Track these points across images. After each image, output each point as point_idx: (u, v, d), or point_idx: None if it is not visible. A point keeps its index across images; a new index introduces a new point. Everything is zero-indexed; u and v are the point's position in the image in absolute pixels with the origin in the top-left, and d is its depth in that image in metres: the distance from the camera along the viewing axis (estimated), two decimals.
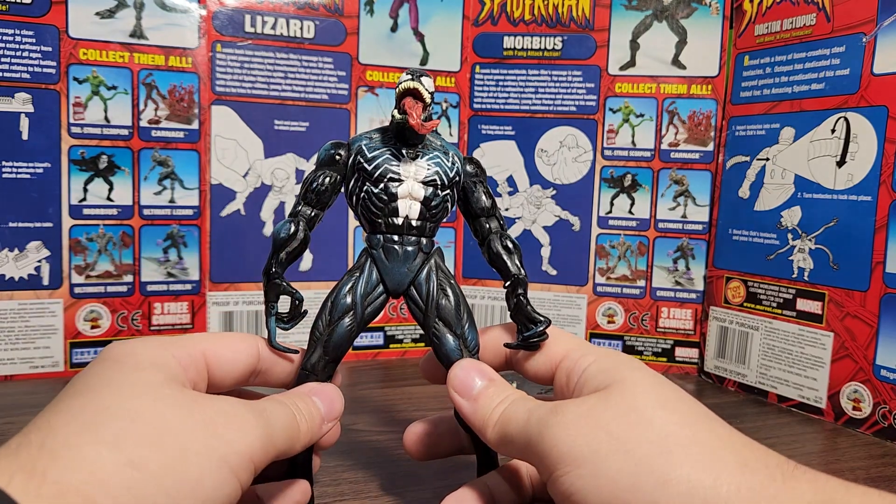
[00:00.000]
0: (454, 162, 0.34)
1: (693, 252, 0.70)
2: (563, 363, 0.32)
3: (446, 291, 0.34)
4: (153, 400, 0.25)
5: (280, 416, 0.28)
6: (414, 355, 0.73)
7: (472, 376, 0.32)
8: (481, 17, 0.71)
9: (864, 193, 0.55)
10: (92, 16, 0.60)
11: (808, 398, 0.59)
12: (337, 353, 0.33)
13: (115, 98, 0.61)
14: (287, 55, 0.66)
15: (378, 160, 0.33)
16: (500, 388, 0.32)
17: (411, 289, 0.34)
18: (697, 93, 0.68)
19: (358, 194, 0.34)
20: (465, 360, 0.33)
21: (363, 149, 0.33)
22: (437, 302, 0.33)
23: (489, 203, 0.36)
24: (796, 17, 0.61)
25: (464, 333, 0.34)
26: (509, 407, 0.30)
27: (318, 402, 0.31)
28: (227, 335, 0.33)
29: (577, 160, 0.71)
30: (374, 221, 0.34)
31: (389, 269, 0.33)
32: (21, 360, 0.60)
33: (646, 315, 0.71)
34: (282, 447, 0.28)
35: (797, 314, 0.60)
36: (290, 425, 0.29)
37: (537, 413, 0.29)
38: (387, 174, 0.33)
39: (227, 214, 0.66)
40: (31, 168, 0.59)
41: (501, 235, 0.35)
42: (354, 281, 0.33)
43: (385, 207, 0.33)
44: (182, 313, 0.65)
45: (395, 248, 0.33)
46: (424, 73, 0.32)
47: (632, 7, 0.69)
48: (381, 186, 0.33)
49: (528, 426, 0.28)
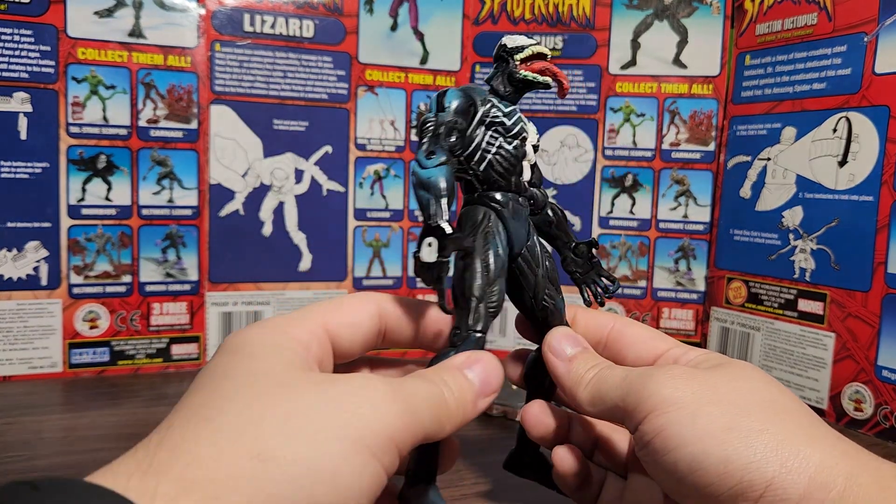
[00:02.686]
0: None
1: (694, 252, 0.69)
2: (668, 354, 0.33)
3: (548, 256, 0.34)
4: (275, 386, 0.23)
5: (423, 392, 0.25)
6: (414, 355, 0.72)
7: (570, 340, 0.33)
8: (481, 16, 0.71)
9: (865, 193, 0.55)
10: (90, 15, 0.60)
11: (810, 399, 0.59)
12: (498, 310, 0.31)
13: (114, 98, 0.61)
14: (286, 54, 0.66)
15: (514, 117, 0.32)
16: (593, 355, 0.32)
17: (524, 249, 0.33)
18: (698, 92, 0.68)
19: (486, 149, 0.31)
20: (564, 327, 0.34)
21: (495, 103, 0.32)
22: (545, 265, 0.33)
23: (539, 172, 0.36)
24: (797, 16, 0.61)
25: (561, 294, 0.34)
26: (602, 371, 0.30)
27: (472, 375, 0.28)
28: (345, 300, 0.30)
29: (578, 160, 0.71)
30: (499, 179, 0.32)
31: (517, 228, 0.32)
32: (19, 360, 0.60)
33: (647, 315, 0.71)
34: (429, 428, 0.25)
35: (799, 315, 0.60)
36: (438, 403, 0.25)
37: (636, 371, 0.29)
38: (521, 132, 0.32)
39: (226, 214, 0.65)
40: (30, 168, 0.59)
41: (554, 204, 0.36)
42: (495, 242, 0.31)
43: (516, 165, 0.32)
44: (181, 314, 0.65)
45: (519, 207, 0.33)
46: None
47: (633, 6, 0.69)
48: (515, 144, 0.32)
49: (626, 381, 0.29)
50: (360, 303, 0.30)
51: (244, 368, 0.24)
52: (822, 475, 0.23)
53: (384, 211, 0.71)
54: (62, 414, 0.53)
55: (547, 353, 0.32)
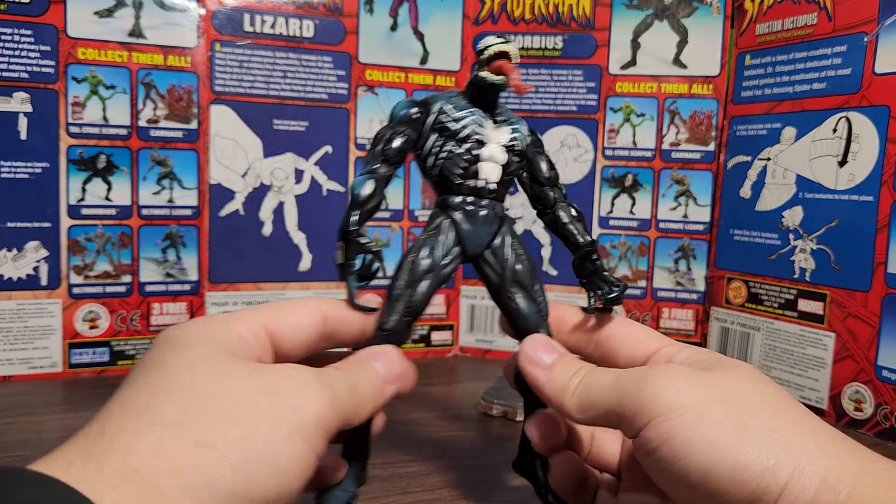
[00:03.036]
0: (525, 132, 0.35)
1: (694, 252, 0.69)
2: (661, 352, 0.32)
3: (521, 257, 0.34)
4: (212, 374, 0.24)
5: (343, 380, 0.27)
6: (414, 355, 0.72)
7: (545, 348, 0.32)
8: (481, 16, 0.71)
9: (865, 193, 0.55)
10: (90, 15, 0.60)
11: (810, 399, 0.59)
12: (416, 312, 0.32)
13: (114, 97, 0.61)
14: (286, 54, 0.66)
15: (464, 120, 0.33)
16: (574, 360, 0.31)
17: (487, 253, 0.34)
18: (698, 92, 0.68)
19: (438, 154, 0.33)
20: (539, 334, 0.33)
21: (445, 109, 0.33)
22: (513, 267, 0.33)
23: (554, 173, 0.36)
24: (797, 16, 0.61)
25: (536, 298, 0.34)
26: (588, 375, 0.30)
27: (378, 364, 0.30)
28: (289, 303, 0.31)
29: (578, 160, 0.71)
30: (453, 183, 0.33)
31: (470, 231, 0.33)
32: (19, 360, 0.60)
33: (647, 315, 0.71)
34: (349, 413, 0.27)
35: (798, 315, 0.60)
36: (352, 389, 0.27)
37: (629, 373, 0.28)
38: (472, 135, 0.33)
39: (226, 214, 0.65)
40: (30, 168, 0.59)
41: (568, 204, 0.36)
42: (433, 243, 0.33)
43: (468, 169, 0.33)
44: (181, 314, 0.65)
45: (475, 210, 0.33)
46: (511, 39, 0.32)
47: (633, 6, 0.69)
48: (465, 147, 0.33)
49: (619, 385, 0.28)
50: (303, 307, 0.31)
51: (182, 357, 0.24)
52: (832, 476, 0.23)
53: (384, 211, 0.71)
54: (62, 414, 0.54)
55: (524, 364, 0.31)
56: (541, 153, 0.36)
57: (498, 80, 0.31)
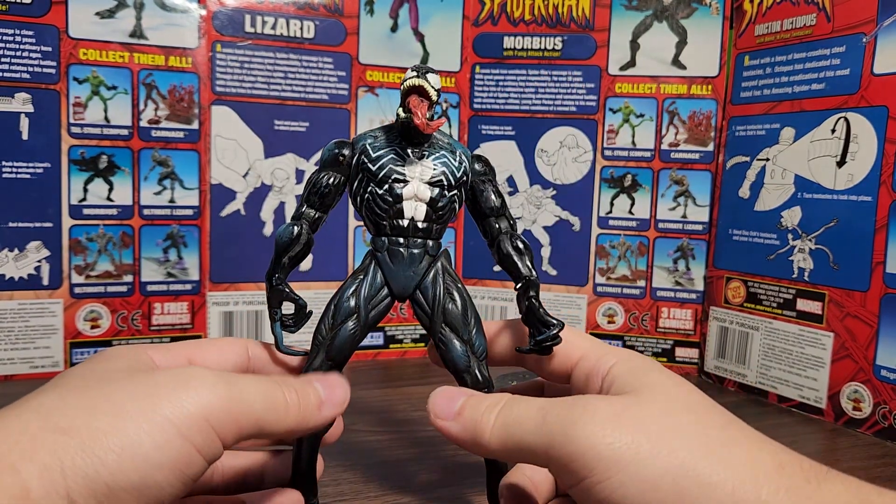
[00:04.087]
0: (461, 161, 0.33)
1: (693, 252, 0.70)
2: (582, 364, 0.31)
3: (453, 295, 0.33)
4: (105, 380, 0.25)
5: (257, 387, 0.27)
6: (414, 355, 0.73)
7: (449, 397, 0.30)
8: (481, 17, 0.71)
9: (864, 193, 0.55)
10: (92, 16, 0.60)
11: (809, 398, 0.59)
12: (340, 356, 0.32)
13: (115, 98, 0.61)
14: (287, 55, 0.66)
15: (382, 160, 0.32)
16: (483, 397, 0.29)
17: (417, 293, 0.33)
18: (698, 93, 0.68)
19: (362, 195, 0.33)
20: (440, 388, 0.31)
21: (367, 148, 0.32)
22: (444, 306, 0.32)
23: (498, 202, 0.34)
24: (796, 17, 0.61)
25: (471, 339, 0.33)
26: (506, 408, 0.28)
27: (319, 385, 0.29)
28: (215, 340, 0.32)
29: (578, 160, 0.71)
30: (378, 223, 0.33)
31: (395, 272, 0.32)
32: (21, 360, 0.60)
33: (646, 315, 0.71)
34: (263, 420, 0.26)
35: (797, 314, 0.60)
36: (273, 400, 0.27)
37: (555, 411, 0.26)
38: (391, 175, 0.32)
39: (227, 214, 0.66)
40: (31, 168, 0.59)
41: (512, 236, 0.34)
42: (358, 284, 0.32)
43: (390, 209, 0.32)
44: (182, 313, 0.65)
45: (400, 250, 0.32)
46: (431, 70, 0.31)
47: (632, 7, 0.69)
48: (385, 187, 0.32)
49: (545, 426, 0.26)
50: (227, 345, 0.32)
51: (88, 367, 0.26)
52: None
53: None
54: None
55: (435, 423, 0.29)
56: (486, 182, 0.34)
57: (405, 117, 0.31)
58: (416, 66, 0.31)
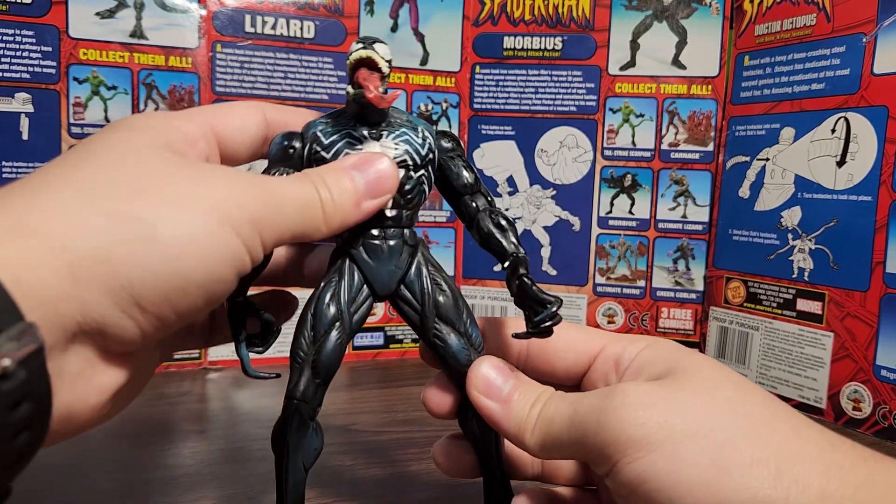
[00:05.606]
0: (425, 137, 0.30)
1: (693, 252, 0.70)
2: (605, 353, 0.29)
3: (441, 286, 0.30)
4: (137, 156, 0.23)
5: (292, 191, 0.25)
6: (414, 355, 0.73)
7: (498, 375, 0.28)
8: (481, 17, 0.71)
9: (864, 193, 0.55)
10: (92, 16, 0.60)
11: (809, 398, 0.59)
12: (328, 372, 0.28)
13: (116, 98, 0.61)
14: (287, 55, 0.66)
15: (336, 146, 0.28)
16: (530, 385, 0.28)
17: (402, 288, 0.30)
18: (697, 93, 0.68)
19: None
20: (486, 358, 0.29)
21: (318, 136, 0.29)
22: (435, 299, 0.30)
23: (472, 178, 0.31)
24: (796, 17, 0.61)
25: (467, 331, 0.30)
26: (547, 405, 0.26)
27: (357, 175, 0.26)
28: (232, 104, 0.29)
29: (577, 160, 0.71)
30: None
31: (375, 269, 0.29)
32: None
33: (646, 315, 0.71)
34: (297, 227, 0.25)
35: (797, 314, 0.60)
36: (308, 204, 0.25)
37: (585, 402, 0.25)
38: None
39: None
40: (31, 168, 0.59)
41: (491, 212, 0.30)
42: (336, 287, 0.29)
43: None
44: None
45: (377, 244, 0.29)
46: (378, 40, 0.28)
47: (632, 7, 0.69)
48: None
49: (577, 418, 0.25)
50: (247, 108, 0.29)
51: (113, 138, 0.24)
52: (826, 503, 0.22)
53: None
54: None
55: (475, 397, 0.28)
56: (455, 158, 0.31)
57: (355, 93, 0.27)
58: (362, 37, 0.28)
